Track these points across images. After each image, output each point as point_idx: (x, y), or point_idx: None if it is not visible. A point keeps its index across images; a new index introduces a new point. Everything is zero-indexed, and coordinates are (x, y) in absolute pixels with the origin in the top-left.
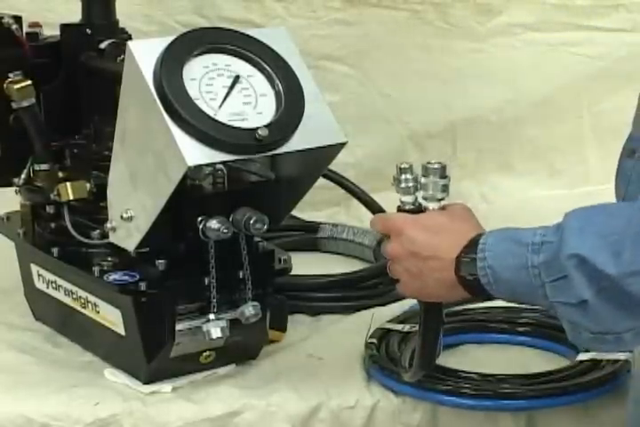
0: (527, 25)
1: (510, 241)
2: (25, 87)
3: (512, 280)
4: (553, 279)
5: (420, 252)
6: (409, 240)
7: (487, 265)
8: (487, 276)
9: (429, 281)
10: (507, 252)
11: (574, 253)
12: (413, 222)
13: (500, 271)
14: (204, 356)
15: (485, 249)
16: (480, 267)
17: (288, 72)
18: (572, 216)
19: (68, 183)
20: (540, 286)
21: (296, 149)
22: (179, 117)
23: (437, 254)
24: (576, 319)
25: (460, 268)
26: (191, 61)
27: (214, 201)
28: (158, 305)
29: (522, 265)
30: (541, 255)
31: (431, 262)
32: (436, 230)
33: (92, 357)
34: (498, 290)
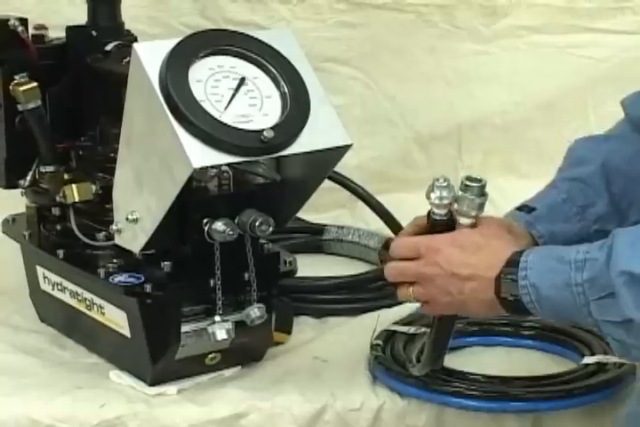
0: (532, 27)
1: (552, 259)
2: (31, 89)
3: (555, 299)
4: (598, 297)
5: (460, 272)
6: (446, 260)
7: (530, 284)
8: (529, 295)
9: (469, 301)
10: (549, 270)
11: (625, 270)
12: (449, 242)
13: (543, 289)
14: (209, 358)
15: (527, 267)
16: (522, 285)
17: (294, 74)
18: (620, 233)
19: (73, 185)
20: (584, 304)
21: (301, 150)
22: (184, 119)
23: (477, 274)
24: (622, 338)
25: (500, 288)
26: (197, 63)
27: (220, 203)
28: (164, 307)
29: (565, 283)
30: (585, 273)
31: (470, 283)
32: (473, 249)
33: (98, 358)
34: (541, 309)
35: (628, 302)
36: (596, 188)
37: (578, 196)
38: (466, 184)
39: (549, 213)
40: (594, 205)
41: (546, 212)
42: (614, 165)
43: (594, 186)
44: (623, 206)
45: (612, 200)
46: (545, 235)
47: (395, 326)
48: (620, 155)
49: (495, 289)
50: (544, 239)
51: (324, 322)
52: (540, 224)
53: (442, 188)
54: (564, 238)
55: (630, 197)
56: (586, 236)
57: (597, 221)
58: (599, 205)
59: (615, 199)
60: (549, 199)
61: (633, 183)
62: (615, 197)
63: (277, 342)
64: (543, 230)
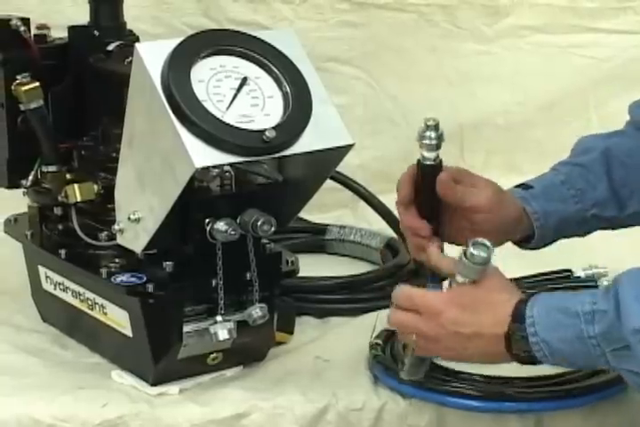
0: (534, 27)
1: (558, 311)
2: (33, 89)
3: (569, 351)
4: (614, 349)
5: (463, 331)
6: (449, 321)
7: (540, 340)
8: (542, 350)
9: (475, 355)
10: (558, 324)
11: (638, 329)
12: (449, 301)
13: (555, 344)
14: (211, 357)
15: (535, 323)
16: (533, 342)
17: (296, 74)
18: (624, 283)
19: (75, 185)
20: (600, 355)
21: (303, 150)
22: (186, 119)
23: (481, 332)
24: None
25: (511, 346)
26: (199, 63)
27: (222, 203)
28: (166, 307)
29: (577, 336)
30: (597, 326)
31: (476, 340)
32: (475, 307)
33: (100, 358)
34: (554, 361)
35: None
36: (596, 173)
37: (577, 179)
38: (471, 253)
39: (545, 192)
40: (592, 190)
41: (542, 190)
42: (615, 155)
43: (594, 171)
44: (623, 195)
45: (612, 187)
46: (539, 212)
47: None
48: (621, 147)
49: (506, 346)
50: (537, 216)
51: (325, 322)
52: (535, 201)
53: (430, 127)
54: (559, 218)
55: (631, 186)
56: (582, 220)
57: (595, 206)
58: (598, 190)
59: (615, 187)
60: (547, 180)
61: (633, 174)
62: (615, 184)
63: (279, 342)
64: (537, 207)
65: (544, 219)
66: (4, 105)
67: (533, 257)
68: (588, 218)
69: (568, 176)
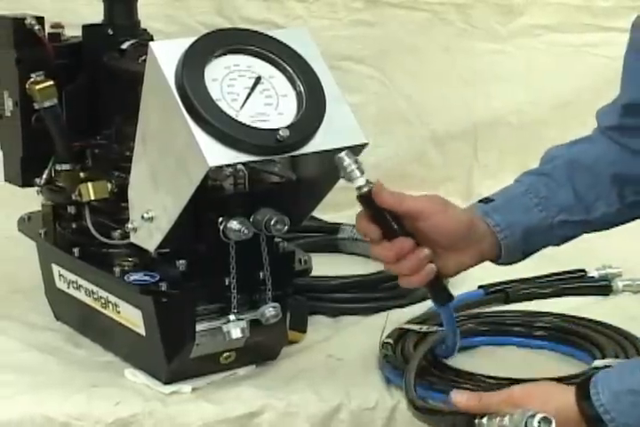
0: (548, 26)
1: (629, 394)
2: (47, 88)
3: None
4: None
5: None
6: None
7: (622, 424)
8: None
9: None
10: (632, 406)
11: None
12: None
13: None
14: (224, 356)
15: (608, 410)
16: None
17: (309, 73)
18: None
19: (89, 183)
20: None
21: (317, 149)
22: (200, 118)
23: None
24: None
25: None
26: (213, 62)
27: (235, 202)
28: (179, 305)
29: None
30: None
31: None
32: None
33: (113, 357)
34: None
35: None
36: (559, 180)
37: (540, 187)
38: None
39: (507, 204)
40: (556, 197)
41: (504, 202)
42: (579, 160)
43: (556, 178)
44: (588, 199)
45: (576, 192)
46: (501, 224)
47: (407, 325)
48: (586, 152)
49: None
50: (500, 228)
51: (338, 321)
52: (497, 214)
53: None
54: (524, 228)
55: (596, 190)
56: (549, 227)
57: (561, 212)
58: (561, 196)
59: (579, 192)
60: (509, 191)
61: (598, 178)
62: (579, 189)
63: (292, 341)
64: (499, 219)
65: (508, 230)
66: (19, 103)
67: (547, 257)
68: (556, 224)
69: (531, 186)
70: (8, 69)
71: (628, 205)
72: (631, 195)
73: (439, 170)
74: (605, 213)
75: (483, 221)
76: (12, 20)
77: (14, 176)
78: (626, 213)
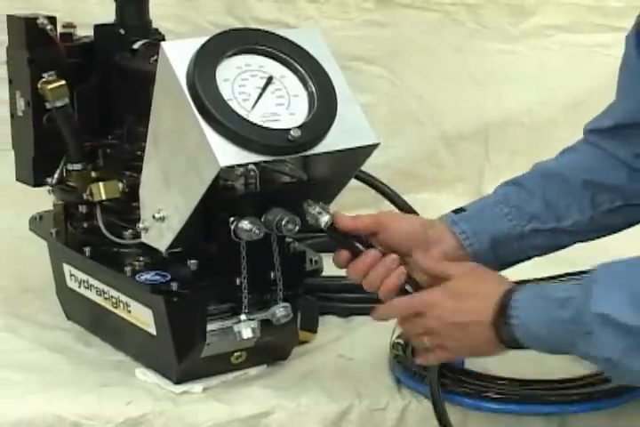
0: (560, 26)
1: (540, 298)
2: (59, 87)
3: (546, 336)
4: (582, 333)
5: (460, 320)
6: (446, 311)
7: (521, 322)
8: (522, 333)
9: (476, 344)
10: (538, 308)
11: (599, 313)
12: (443, 293)
13: (533, 327)
14: (234, 356)
15: (518, 308)
16: (515, 324)
17: (321, 73)
18: (600, 271)
19: (100, 183)
20: (571, 340)
21: (328, 149)
22: (211, 118)
23: (476, 319)
24: (610, 373)
25: (499, 332)
26: (224, 62)
27: (246, 202)
28: (190, 305)
29: (552, 320)
30: (567, 311)
31: (472, 328)
32: (468, 296)
33: (124, 356)
34: (535, 346)
35: (604, 343)
36: (530, 189)
37: (512, 197)
38: None
39: (477, 214)
40: (527, 205)
41: (474, 212)
42: (553, 168)
43: (527, 187)
44: (559, 207)
45: (547, 201)
46: (467, 231)
47: None
48: (563, 161)
49: (495, 333)
50: (466, 235)
51: (349, 321)
52: (465, 223)
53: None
54: (491, 237)
55: (567, 198)
56: (519, 236)
57: (532, 221)
58: (532, 206)
59: (551, 200)
60: (481, 202)
61: (569, 186)
62: (549, 197)
63: (303, 341)
64: (465, 228)
65: (474, 238)
66: (31, 103)
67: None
68: (527, 233)
69: (503, 196)
70: (20, 69)
71: (604, 214)
72: (606, 203)
73: (450, 170)
74: (578, 220)
75: (449, 230)
76: (24, 19)
77: (26, 176)
78: (601, 221)
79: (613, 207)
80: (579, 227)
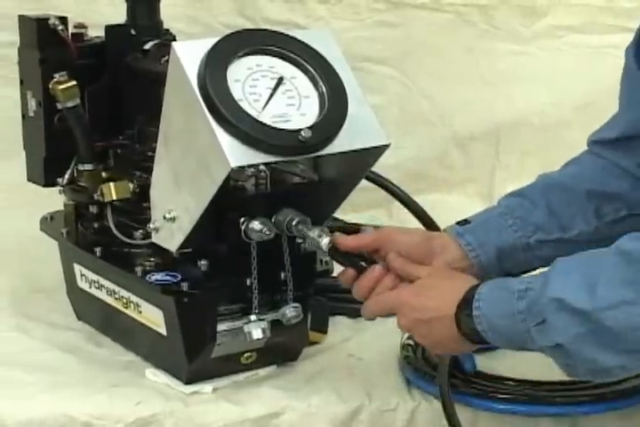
0: (572, 27)
1: (501, 289)
2: (70, 88)
3: (503, 327)
4: (535, 324)
5: (422, 317)
6: (410, 309)
7: (482, 314)
8: (482, 324)
9: (443, 340)
10: (498, 299)
11: (554, 297)
12: (409, 293)
13: (493, 319)
14: (245, 356)
15: (480, 299)
16: (475, 316)
17: (332, 74)
18: (558, 262)
19: (111, 183)
20: (525, 331)
21: (339, 150)
22: (222, 118)
23: (437, 315)
24: (562, 361)
25: (460, 324)
26: (235, 63)
27: (257, 202)
28: (200, 306)
29: (510, 312)
30: (524, 301)
31: (435, 324)
32: (432, 293)
33: (134, 356)
34: (493, 338)
35: (556, 328)
36: (534, 199)
37: (516, 209)
38: None
39: (482, 225)
40: (531, 216)
41: (479, 224)
42: (556, 179)
43: (531, 198)
44: (564, 217)
45: (550, 210)
46: (472, 243)
47: None
48: (566, 172)
49: (457, 325)
50: (471, 247)
51: (359, 322)
52: (470, 235)
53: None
54: (497, 248)
55: (572, 208)
56: (526, 247)
57: (537, 232)
58: (535, 215)
59: (554, 210)
60: (486, 213)
61: (573, 196)
62: (554, 207)
63: (313, 342)
64: (471, 240)
65: (480, 250)
66: (42, 103)
67: None
68: (534, 244)
69: (507, 207)
70: (32, 69)
71: (608, 224)
72: (611, 213)
73: (461, 171)
74: (583, 231)
75: (454, 241)
76: (35, 20)
77: (37, 176)
78: (606, 231)
79: (618, 217)
80: (584, 237)
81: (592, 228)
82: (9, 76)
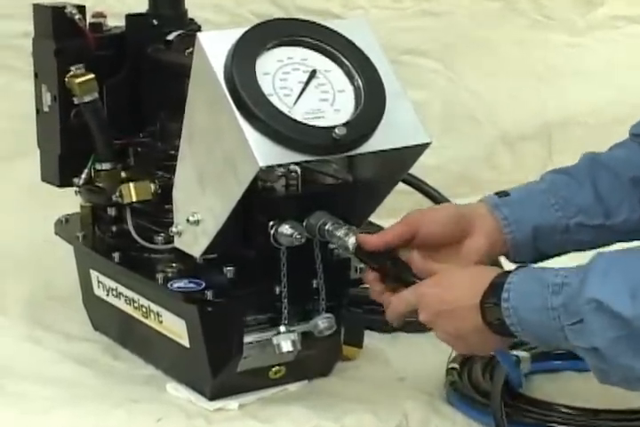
0: (630, 17)
1: (534, 281)
2: (87, 81)
3: (535, 322)
4: (571, 323)
5: (445, 308)
6: (433, 300)
7: (511, 306)
8: (511, 317)
9: (466, 334)
10: (530, 292)
11: (593, 298)
12: (432, 285)
13: (523, 313)
14: (273, 371)
15: (510, 289)
16: (504, 308)
17: (369, 67)
18: (598, 259)
19: (131, 184)
20: (559, 329)
21: (376, 149)
22: (251, 114)
23: (460, 305)
24: (596, 365)
25: (485, 314)
26: (265, 55)
27: (287, 204)
28: (225, 315)
29: (543, 306)
30: (560, 297)
31: (458, 314)
32: (454, 284)
33: (154, 370)
34: (522, 332)
35: (593, 330)
36: (580, 180)
37: (560, 186)
38: None
39: (522, 200)
40: (575, 197)
41: (519, 198)
42: (604, 162)
43: (578, 178)
44: (610, 202)
45: (597, 194)
46: (509, 217)
47: None
48: (614, 155)
49: (482, 315)
50: (507, 222)
51: (396, 337)
52: (507, 208)
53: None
54: (535, 226)
55: (619, 194)
56: (565, 229)
57: (579, 214)
58: (581, 198)
59: (600, 194)
60: (528, 188)
61: (619, 180)
62: (601, 191)
63: (346, 358)
64: (508, 213)
65: (516, 225)
66: (57, 98)
67: None
68: (573, 227)
69: (551, 184)
70: (47, 61)
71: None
72: None
73: (509, 173)
74: (627, 219)
75: (490, 212)
76: (51, 8)
77: (52, 175)
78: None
79: None
80: (627, 226)
81: (637, 216)
82: (24, 69)
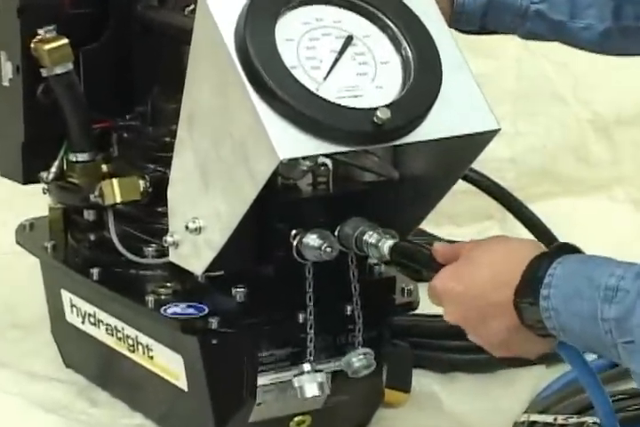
0: None
1: (583, 279)
2: (59, 48)
3: (580, 330)
4: (624, 341)
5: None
6: (452, 299)
7: (552, 307)
8: (552, 320)
9: (504, 336)
10: (577, 293)
11: None
12: (443, 277)
13: (567, 318)
14: (295, 421)
15: (552, 284)
16: (543, 307)
17: (421, 32)
18: None
19: (114, 180)
20: (612, 345)
21: (428, 138)
22: (268, 92)
23: (488, 302)
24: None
25: (522, 315)
26: (287, 16)
27: (314, 208)
28: (234, 350)
29: (591, 315)
30: (614, 308)
31: (488, 313)
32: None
33: (143, 419)
34: (569, 340)
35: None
36: None
37: None
38: None
39: None
40: None
41: None
42: None
43: None
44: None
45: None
46: None
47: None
48: None
49: (518, 317)
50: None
51: (452, 378)
52: None
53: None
54: None
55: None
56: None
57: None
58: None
59: None
60: None
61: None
62: None
63: (390, 403)
64: None
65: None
66: (20, 69)
67: None
68: (531, 13)
69: None
70: (7, 23)
71: (621, 29)
72: (631, 17)
73: (605, 168)
74: (590, 26)
75: None
76: None
77: (13, 169)
78: (615, 38)
79: (635, 26)
80: (586, 35)
81: (602, 28)
82: None
